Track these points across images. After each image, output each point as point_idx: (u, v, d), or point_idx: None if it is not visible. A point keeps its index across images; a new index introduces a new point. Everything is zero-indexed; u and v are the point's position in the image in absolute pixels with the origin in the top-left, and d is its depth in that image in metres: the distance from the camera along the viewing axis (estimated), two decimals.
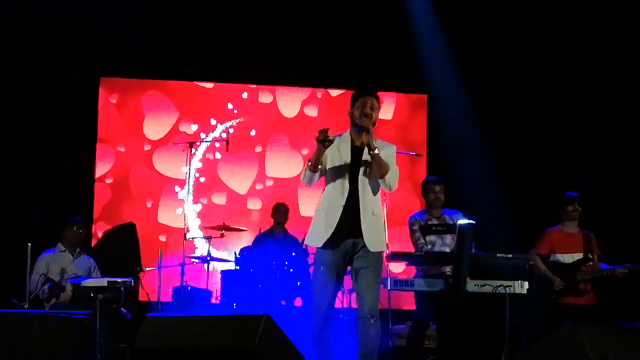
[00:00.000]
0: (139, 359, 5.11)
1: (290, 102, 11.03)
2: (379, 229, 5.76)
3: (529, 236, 8.23)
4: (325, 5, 10.29)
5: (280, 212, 9.53)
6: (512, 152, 10.29)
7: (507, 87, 10.32)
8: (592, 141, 10.01)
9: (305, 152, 10.78)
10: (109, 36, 10.01)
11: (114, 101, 10.70)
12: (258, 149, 10.91)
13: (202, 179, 10.68)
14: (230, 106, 10.87)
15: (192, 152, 8.97)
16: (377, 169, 5.64)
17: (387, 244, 6.10)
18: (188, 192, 9.07)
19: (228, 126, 10.74)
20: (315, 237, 5.74)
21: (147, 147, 10.71)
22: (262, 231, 9.44)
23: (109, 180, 10.59)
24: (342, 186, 5.68)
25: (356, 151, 5.73)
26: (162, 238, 10.50)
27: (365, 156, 5.69)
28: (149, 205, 10.60)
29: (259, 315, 4.79)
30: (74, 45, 9.88)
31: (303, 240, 8.76)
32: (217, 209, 10.64)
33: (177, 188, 10.57)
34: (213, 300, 9.11)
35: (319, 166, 5.66)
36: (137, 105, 10.76)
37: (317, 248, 5.74)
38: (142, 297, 8.76)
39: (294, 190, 10.75)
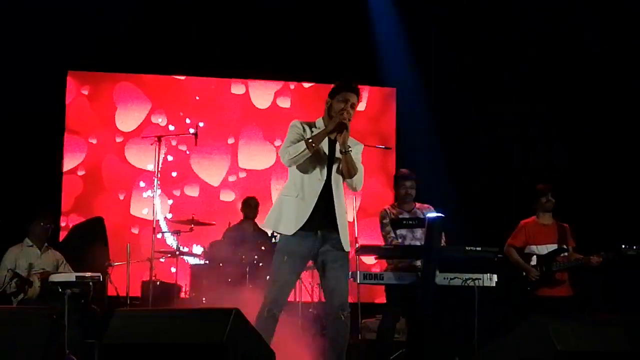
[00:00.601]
0: (108, 354, 5.07)
1: (263, 93, 11.01)
2: (347, 227, 5.65)
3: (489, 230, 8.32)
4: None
5: (250, 206, 9.50)
6: (512, 151, 10.33)
7: (507, 87, 10.35)
8: (592, 141, 10.06)
9: (278, 143, 10.77)
10: (78, 29, 9.92)
11: (86, 92, 10.64)
12: (231, 141, 10.89)
13: (174, 174, 10.65)
14: (200, 98, 10.83)
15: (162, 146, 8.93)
16: (346, 169, 5.53)
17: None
18: (156, 188, 9.01)
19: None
20: (286, 224, 5.54)
21: (119, 139, 10.67)
22: (231, 225, 9.41)
23: (80, 172, 10.55)
24: (319, 176, 5.54)
25: (332, 144, 5.60)
26: (135, 230, 10.46)
27: (339, 152, 5.56)
28: (121, 197, 10.56)
29: (228, 309, 4.77)
30: (43, 37, 9.80)
31: (273, 234, 8.83)
32: (189, 201, 10.64)
33: (142, 183, 10.51)
34: (182, 295, 9.08)
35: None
36: (109, 97, 10.72)
37: (284, 235, 5.57)
38: (111, 292, 8.71)
39: (267, 181, 10.76)
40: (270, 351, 5.06)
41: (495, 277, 6.95)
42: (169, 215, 10.44)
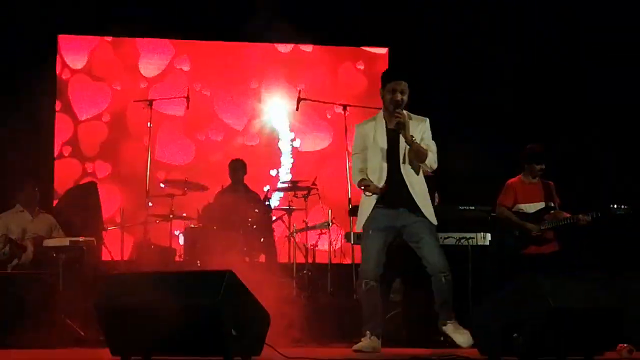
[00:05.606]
0: (101, 317, 5.08)
1: None
2: (429, 202, 6.03)
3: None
4: None
5: (235, 169, 9.35)
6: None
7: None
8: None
9: (300, 86, 10.45)
10: None
11: (109, 40, 10.77)
12: (254, 85, 11.03)
13: (196, 116, 10.68)
14: (223, 44, 10.98)
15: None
16: (416, 158, 5.93)
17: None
18: (150, 154, 8.99)
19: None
20: (368, 220, 6.02)
21: (143, 85, 10.80)
22: (223, 187, 9.35)
23: (105, 118, 10.74)
24: (380, 170, 5.96)
25: (391, 133, 5.97)
26: (161, 175, 10.42)
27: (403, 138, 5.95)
28: (146, 142, 10.52)
29: (222, 271, 4.78)
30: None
31: (266, 196, 8.83)
32: (214, 145, 10.86)
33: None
34: (177, 258, 9.07)
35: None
36: (132, 43, 10.84)
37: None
38: (104, 256, 8.71)
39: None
40: (265, 313, 5.08)
41: (488, 236, 6.97)
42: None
